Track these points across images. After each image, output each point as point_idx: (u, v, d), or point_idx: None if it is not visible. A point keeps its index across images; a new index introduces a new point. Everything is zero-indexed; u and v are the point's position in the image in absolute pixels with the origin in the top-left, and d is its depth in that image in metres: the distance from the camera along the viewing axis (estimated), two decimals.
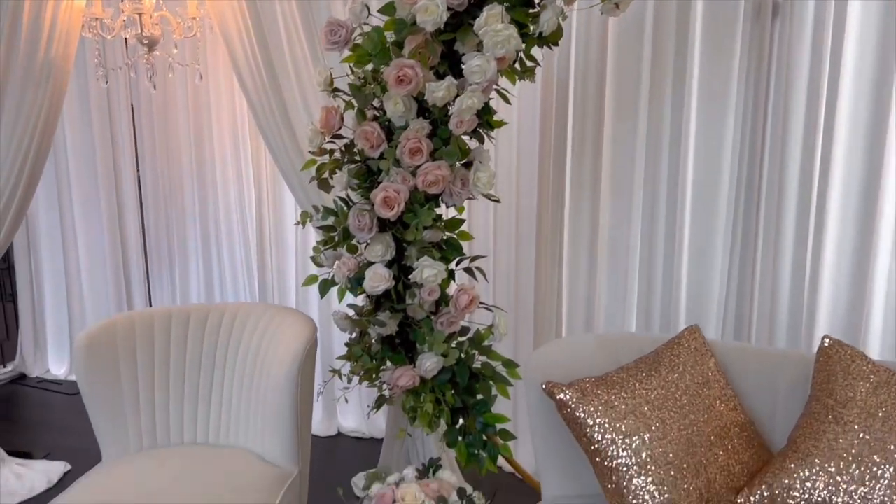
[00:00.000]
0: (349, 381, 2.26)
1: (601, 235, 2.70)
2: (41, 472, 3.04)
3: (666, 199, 2.58)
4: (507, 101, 2.05)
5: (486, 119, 1.98)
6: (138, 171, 3.74)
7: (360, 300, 2.29)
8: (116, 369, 2.25)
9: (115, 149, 3.72)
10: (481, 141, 2.02)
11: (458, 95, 1.83)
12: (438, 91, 1.81)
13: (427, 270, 1.93)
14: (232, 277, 3.77)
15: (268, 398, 2.12)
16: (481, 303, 2.08)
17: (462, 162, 2.00)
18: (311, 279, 2.18)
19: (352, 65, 2.02)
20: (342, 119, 2.03)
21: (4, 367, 4.30)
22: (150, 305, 3.97)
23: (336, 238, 2.05)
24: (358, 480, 1.80)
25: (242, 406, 2.27)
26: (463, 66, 1.81)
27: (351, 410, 3.43)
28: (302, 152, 2.51)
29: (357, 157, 2.08)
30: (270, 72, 2.37)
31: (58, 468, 3.08)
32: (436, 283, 1.95)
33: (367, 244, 2.04)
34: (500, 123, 2.03)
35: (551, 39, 1.87)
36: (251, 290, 3.75)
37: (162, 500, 1.90)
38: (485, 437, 2.12)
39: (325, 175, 2.11)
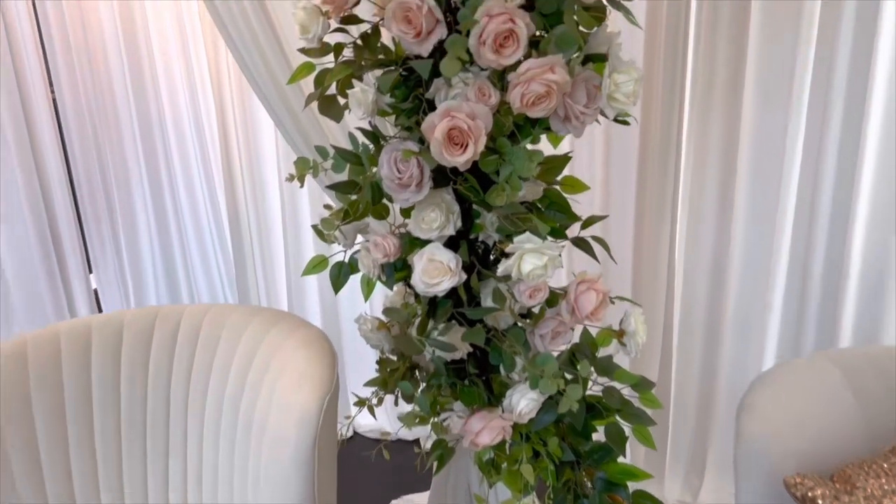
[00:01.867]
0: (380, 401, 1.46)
1: (741, 162, 1.85)
2: None
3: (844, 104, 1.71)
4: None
5: None
6: (59, 121, 2.74)
7: (395, 291, 1.45)
8: (28, 413, 1.42)
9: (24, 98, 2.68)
10: (615, 8, 1.13)
11: None
12: None
13: (530, 260, 1.09)
14: (202, 260, 2.88)
15: (270, 474, 1.29)
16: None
17: (581, 58, 1.11)
18: (317, 264, 1.33)
19: None
20: None
21: None
22: (99, 305, 3.04)
23: (359, 205, 1.19)
24: None
25: (232, 477, 1.45)
26: None
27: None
28: (288, 56, 1.56)
29: (389, 56, 1.19)
30: None
31: None
32: (544, 278, 1.11)
33: (414, 209, 1.19)
34: None
35: None
36: (227, 277, 2.89)
37: None
38: None
39: (332, 90, 1.22)
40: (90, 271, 3.00)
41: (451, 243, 1.23)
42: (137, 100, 2.68)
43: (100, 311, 3.02)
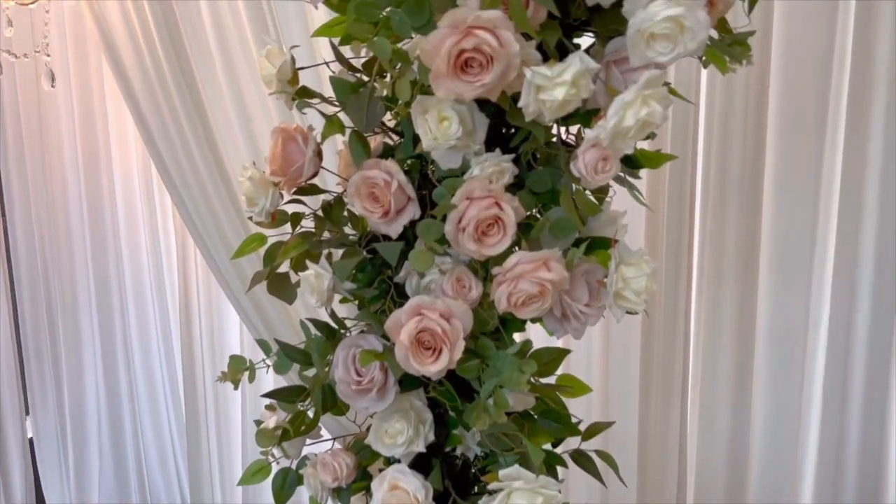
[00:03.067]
0: None
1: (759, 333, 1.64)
2: None
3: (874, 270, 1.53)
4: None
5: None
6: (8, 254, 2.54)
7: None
8: None
9: None
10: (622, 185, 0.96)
11: (597, 111, 0.79)
12: (553, 88, 0.75)
13: (521, 501, 0.85)
14: (152, 418, 2.61)
15: None
16: None
17: (578, 244, 0.93)
18: (256, 472, 1.08)
19: (334, 40, 0.96)
20: (319, 154, 0.95)
21: None
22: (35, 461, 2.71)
23: (304, 418, 0.96)
24: None
25: None
26: (612, 41, 0.77)
27: None
28: (246, 222, 1.37)
29: (351, 234, 1.01)
30: (177, 56, 1.20)
31: None
32: None
33: (375, 416, 0.97)
34: (661, 158, 0.97)
35: None
36: (179, 443, 2.61)
37: None
38: None
39: (285, 267, 1.03)
40: (27, 412, 2.69)
41: (422, 459, 0.99)
42: (95, 252, 2.48)
43: (35, 472, 2.68)
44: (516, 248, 0.91)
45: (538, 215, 0.94)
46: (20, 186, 2.42)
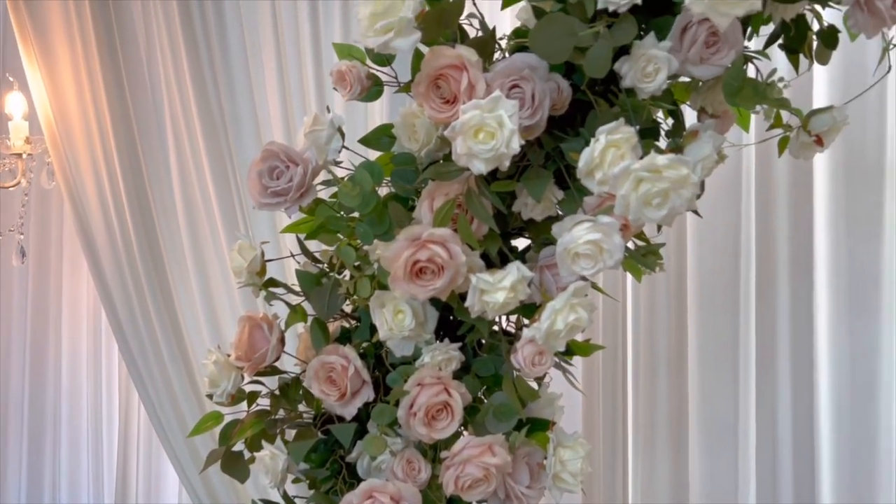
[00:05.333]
0: None
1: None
2: None
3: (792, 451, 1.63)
4: None
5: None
6: None
7: None
8: None
9: None
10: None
11: (534, 305, 0.90)
12: (495, 291, 0.87)
13: None
14: None
15: None
16: None
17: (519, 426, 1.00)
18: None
19: (300, 236, 1.07)
20: (282, 340, 1.03)
21: None
22: None
23: None
24: None
25: None
26: (545, 247, 0.90)
27: None
28: (201, 400, 1.41)
29: (307, 414, 1.06)
30: (151, 255, 1.30)
31: None
32: None
33: None
34: (592, 348, 1.08)
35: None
36: None
37: None
38: None
39: (240, 447, 1.06)
40: None
41: None
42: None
43: None
44: (463, 429, 0.99)
45: (483, 398, 1.02)
46: None
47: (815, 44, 1.02)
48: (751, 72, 0.98)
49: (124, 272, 1.34)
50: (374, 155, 1.06)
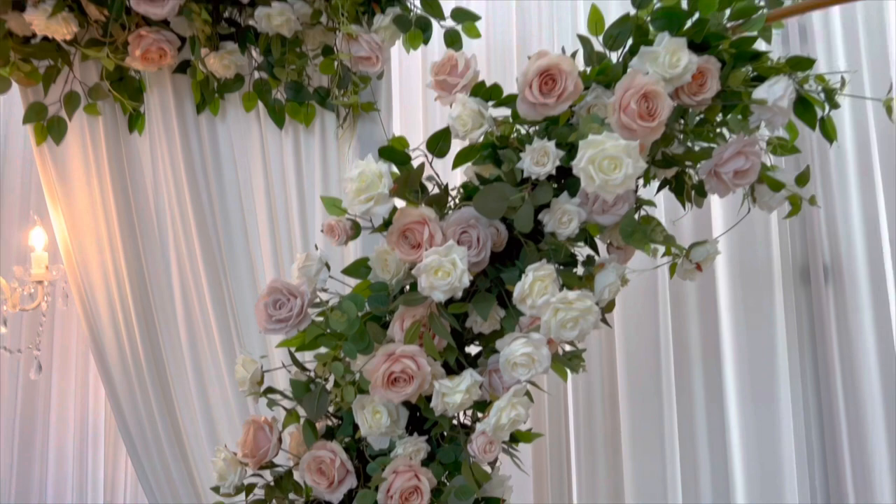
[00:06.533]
0: None
1: None
2: None
3: None
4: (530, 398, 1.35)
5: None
6: None
7: None
8: None
9: None
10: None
11: (486, 402, 1.15)
12: (454, 394, 1.11)
13: None
14: None
15: None
16: None
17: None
18: None
19: (291, 349, 1.30)
20: (280, 440, 1.24)
21: None
22: None
23: None
24: None
25: None
26: (492, 355, 1.15)
27: None
28: (197, 489, 1.58)
29: (298, 493, 1.26)
30: (156, 366, 1.52)
31: None
32: None
33: None
34: (533, 436, 1.32)
35: (606, 310, 1.27)
36: None
37: None
38: None
39: None
40: None
41: None
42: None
43: None
44: None
45: (446, 481, 1.24)
46: None
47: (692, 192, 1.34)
48: None
49: (132, 381, 1.53)
50: (352, 282, 1.32)
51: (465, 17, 1.61)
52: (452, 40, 1.61)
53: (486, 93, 1.21)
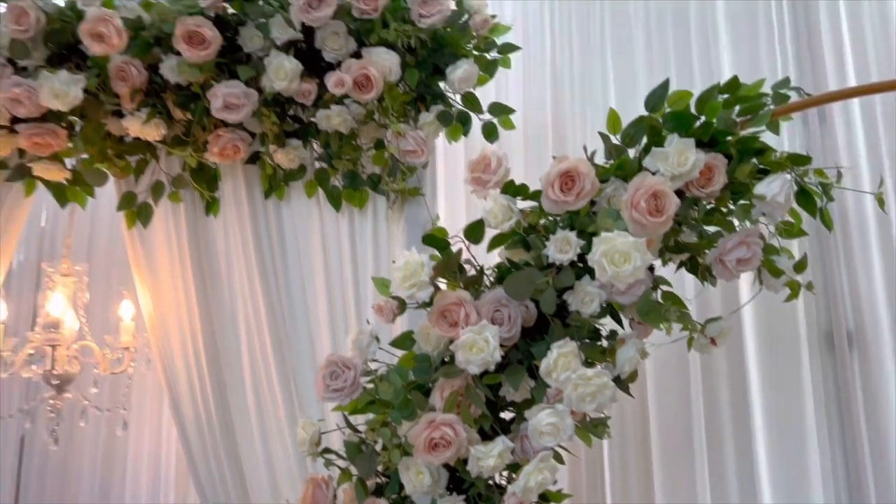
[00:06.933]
0: None
1: None
2: None
3: None
4: (560, 461, 1.47)
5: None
6: None
7: None
8: None
9: None
10: None
11: (517, 465, 1.28)
12: (487, 458, 1.25)
13: None
14: None
15: None
16: None
17: None
18: None
19: (345, 413, 1.46)
20: (335, 496, 1.39)
21: None
22: None
23: None
24: None
25: None
26: (523, 422, 1.29)
27: None
28: None
29: None
30: (226, 425, 1.73)
31: None
32: None
33: None
34: (561, 496, 1.43)
35: (628, 381, 1.40)
36: None
37: None
38: None
39: None
40: None
41: None
42: None
43: None
44: None
45: None
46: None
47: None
48: None
49: (205, 438, 1.72)
50: (399, 351, 1.48)
51: (501, 111, 1.80)
52: (490, 132, 1.80)
53: (515, 190, 1.38)
